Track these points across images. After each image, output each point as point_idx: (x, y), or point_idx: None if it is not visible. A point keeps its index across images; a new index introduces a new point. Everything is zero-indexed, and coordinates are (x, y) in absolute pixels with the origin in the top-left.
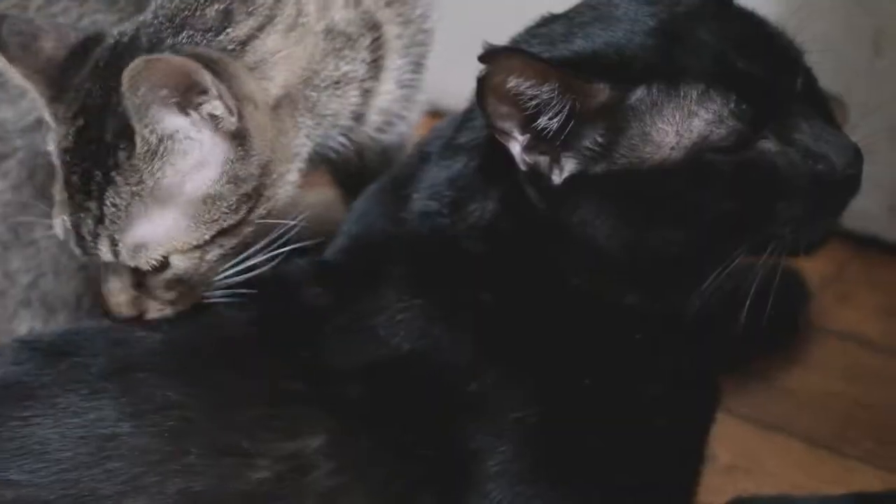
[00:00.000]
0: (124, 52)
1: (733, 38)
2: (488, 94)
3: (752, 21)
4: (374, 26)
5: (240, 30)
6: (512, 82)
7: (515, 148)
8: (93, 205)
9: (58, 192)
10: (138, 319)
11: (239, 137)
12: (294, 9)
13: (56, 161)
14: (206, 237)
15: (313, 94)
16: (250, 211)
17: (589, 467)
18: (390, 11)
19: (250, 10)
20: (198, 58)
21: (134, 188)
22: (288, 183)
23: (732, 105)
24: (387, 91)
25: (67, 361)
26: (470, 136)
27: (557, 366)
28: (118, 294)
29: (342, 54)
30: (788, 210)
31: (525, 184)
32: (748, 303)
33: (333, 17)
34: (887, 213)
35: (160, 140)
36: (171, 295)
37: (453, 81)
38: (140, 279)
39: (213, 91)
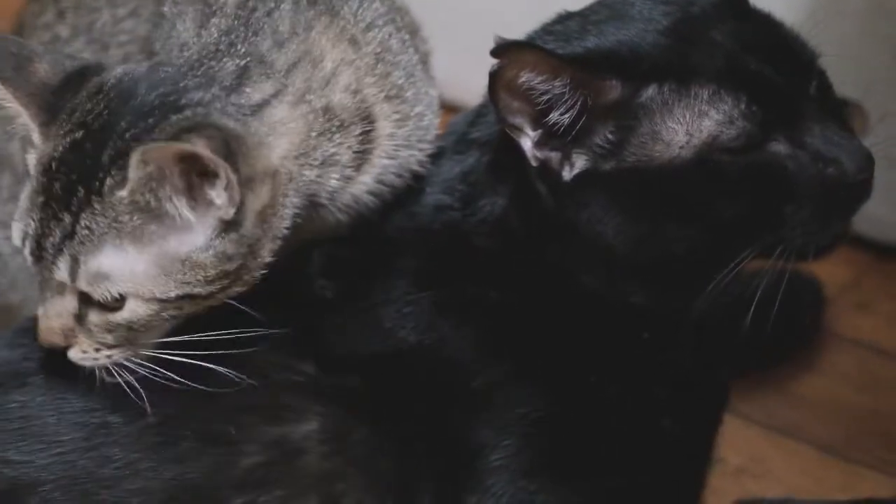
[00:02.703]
0: (139, 84)
1: (747, 39)
2: (500, 88)
3: (767, 23)
4: (367, 118)
5: (256, 93)
6: (524, 77)
7: (526, 143)
8: (67, 218)
9: (26, 198)
10: (61, 352)
11: (233, 223)
12: (303, 83)
13: (33, 171)
14: (171, 295)
15: (306, 172)
16: (224, 289)
17: (592, 465)
18: (388, 107)
19: (267, 72)
20: (217, 143)
21: (111, 222)
22: (263, 264)
23: (743, 106)
24: (364, 183)
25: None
26: (483, 132)
27: (563, 363)
28: (53, 318)
29: (333, 137)
30: (797, 213)
31: (535, 180)
32: (754, 306)
33: (333, 98)
34: None
35: (150, 202)
36: (107, 338)
37: (468, 76)
38: (83, 311)
39: (223, 182)
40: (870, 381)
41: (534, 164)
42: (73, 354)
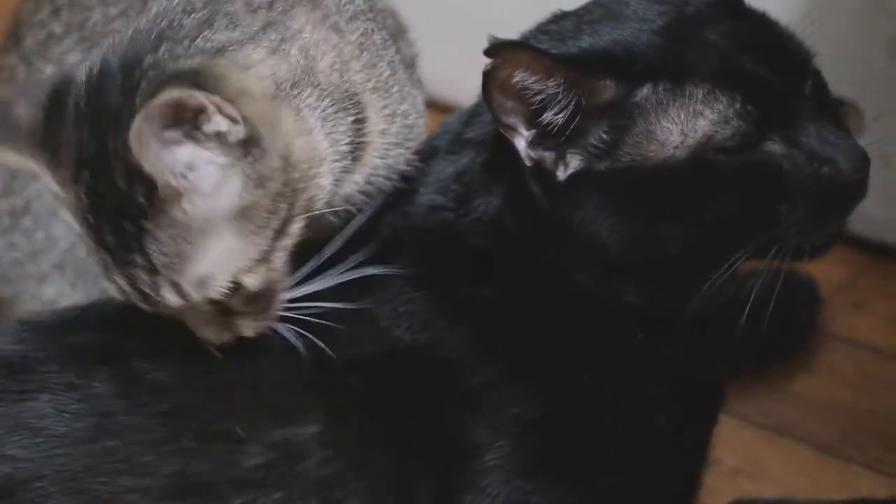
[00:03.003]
0: (101, 86)
1: (742, 38)
2: (494, 88)
3: (762, 22)
4: (357, 104)
5: (219, 35)
6: (517, 77)
7: (520, 143)
8: (138, 258)
9: (94, 258)
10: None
11: (250, 140)
12: (278, 38)
13: (79, 229)
14: (264, 247)
15: (309, 101)
16: (291, 206)
17: (587, 465)
18: (376, 98)
19: (233, 23)
20: (186, 77)
21: (170, 230)
22: (321, 183)
23: (738, 106)
24: (356, 182)
25: (64, 341)
26: (477, 131)
27: (558, 362)
28: (204, 327)
29: (323, 96)
30: (792, 213)
31: (529, 180)
32: (749, 306)
33: (317, 66)
34: None
35: (181, 177)
36: (257, 307)
37: (462, 76)
38: (221, 305)
39: (211, 107)
40: (866, 380)
41: (528, 163)
42: (248, 333)
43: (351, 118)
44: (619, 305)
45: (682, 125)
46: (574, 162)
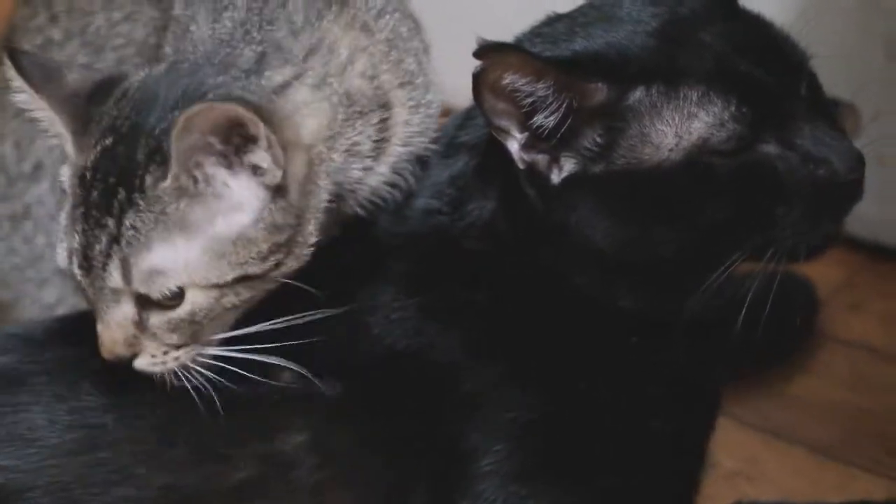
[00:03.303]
0: (162, 82)
1: (736, 40)
2: (485, 90)
3: (756, 24)
4: (384, 105)
5: (277, 76)
6: (508, 79)
7: (513, 146)
8: (111, 222)
9: (65, 216)
10: (126, 364)
11: (279, 189)
12: (322, 68)
13: (69, 186)
14: (228, 278)
15: (334, 156)
16: (277, 265)
17: (584, 469)
18: (403, 93)
19: (286, 57)
20: (252, 107)
21: (157, 215)
22: (310, 243)
23: (733, 108)
24: (382, 174)
25: (55, 352)
26: (472, 135)
27: (554, 366)
28: (115, 329)
29: (355, 125)
30: (788, 215)
31: (523, 183)
32: (746, 308)
33: (351, 84)
34: None
35: (194, 182)
36: (172, 338)
37: (459, 79)
38: (143, 315)
39: (263, 143)
40: (863, 381)
41: (521, 166)
42: (142, 363)
43: (376, 119)
44: (615, 308)
45: (677, 127)
46: (568, 165)
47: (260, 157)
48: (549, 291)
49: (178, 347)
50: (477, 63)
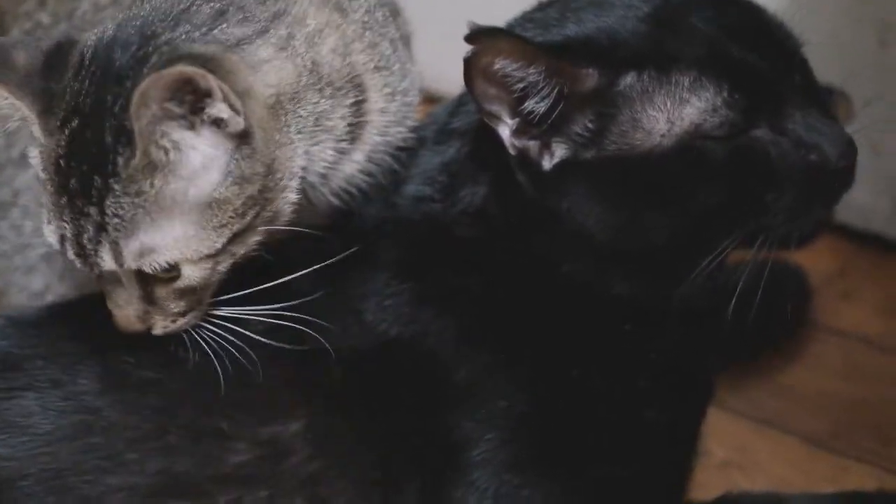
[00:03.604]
0: (114, 48)
1: (729, 26)
2: (476, 75)
3: (748, 10)
4: (358, 86)
5: (234, 29)
6: (498, 64)
7: (505, 132)
8: (93, 210)
9: (49, 200)
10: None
11: (244, 136)
12: (286, 30)
13: (44, 173)
14: (218, 245)
15: (302, 113)
16: (257, 215)
17: (576, 457)
18: (378, 78)
19: (246, 16)
20: (199, 60)
21: (135, 198)
22: (289, 199)
23: (725, 94)
24: (357, 161)
25: (50, 337)
26: (463, 121)
27: (546, 354)
28: (125, 306)
29: (324, 92)
30: (779, 200)
31: (515, 169)
32: (736, 296)
33: (321, 54)
34: (892, 210)
35: (164, 152)
36: (179, 306)
37: (449, 67)
38: (148, 290)
39: (218, 93)
40: (856, 371)
41: (512, 152)
42: (158, 331)
43: (350, 100)
44: (608, 296)
45: (669, 113)
46: (559, 151)
47: (218, 108)
48: (541, 278)
49: (185, 314)
50: (468, 48)
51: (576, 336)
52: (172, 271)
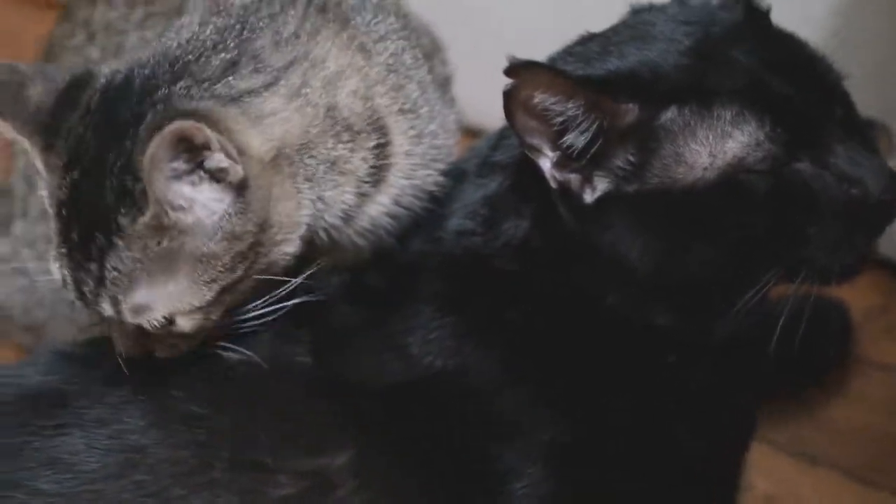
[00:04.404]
0: (117, 98)
1: (771, 59)
2: (516, 108)
3: (790, 43)
4: (381, 129)
5: (242, 82)
6: (538, 97)
7: (545, 164)
8: (93, 266)
9: (54, 240)
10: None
11: (240, 188)
12: (300, 79)
13: (50, 209)
14: (208, 298)
15: (311, 161)
16: (248, 268)
17: (619, 492)
18: (403, 121)
19: (258, 67)
20: (193, 116)
21: (137, 255)
22: (287, 251)
23: (768, 128)
24: (382, 204)
25: (96, 372)
26: (505, 155)
27: (588, 387)
28: (125, 339)
29: (341, 137)
30: (821, 234)
31: (557, 202)
32: (779, 330)
33: (338, 98)
34: None
35: (176, 212)
36: (178, 344)
37: (490, 100)
38: (146, 332)
39: (216, 144)
40: None
41: (553, 185)
42: (160, 355)
43: (372, 143)
44: (650, 328)
45: (711, 147)
46: (601, 184)
47: (216, 159)
48: (583, 311)
49: (184, 342)
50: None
51: (618, 369)
52: (168, 323)
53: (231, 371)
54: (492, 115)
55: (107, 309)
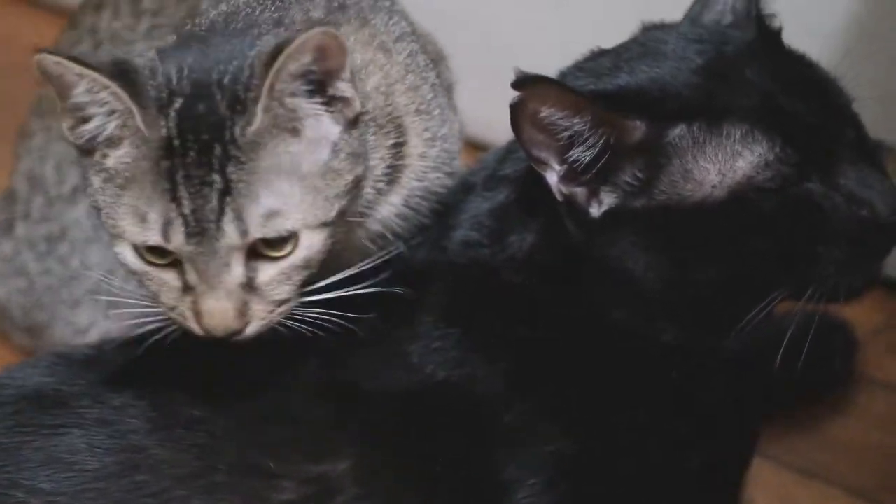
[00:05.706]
0: (183, 48)
1: (782, 79)
2: (523, 121)
3: (801, 64)
4: (399, 127)
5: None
6: (545, 111)
7: (552, 178)
8: (217, 177)
9: (146, 193)
10: (234, 338)
11: (353, 122)
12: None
13: (141, 167)
14: (332, 214)
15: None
16: (351, 203)
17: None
18: (419, 121)
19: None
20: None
21: (258, 162)
22: (357, 210)
23: (778, 149)
24: (393, 204)
25: (98, 374)
26: (513, 168)
27: (592, 401)
28: (227, 298)
29: (370, 127)
30: (829, 254)
31: (564, 215)
32: (784, 347)
33: (366, 90)
34: None
35: (282, 120)
36: (282, 292)
37: (497, 114)
38: (252, 274)
39: (347, 73)
40: None
41: (559, 198)
42: (253, 327)
43: (391, 141)
44: (656, 343)
45: (720, 165)
46: (608, 199)
47: (343, 87)
48: (589, 324)
49: (283, 303)
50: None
51: (622, 383)
52: (287, 245)
53: (233, 375)
54: (496, 130)
55: (228, 230)
